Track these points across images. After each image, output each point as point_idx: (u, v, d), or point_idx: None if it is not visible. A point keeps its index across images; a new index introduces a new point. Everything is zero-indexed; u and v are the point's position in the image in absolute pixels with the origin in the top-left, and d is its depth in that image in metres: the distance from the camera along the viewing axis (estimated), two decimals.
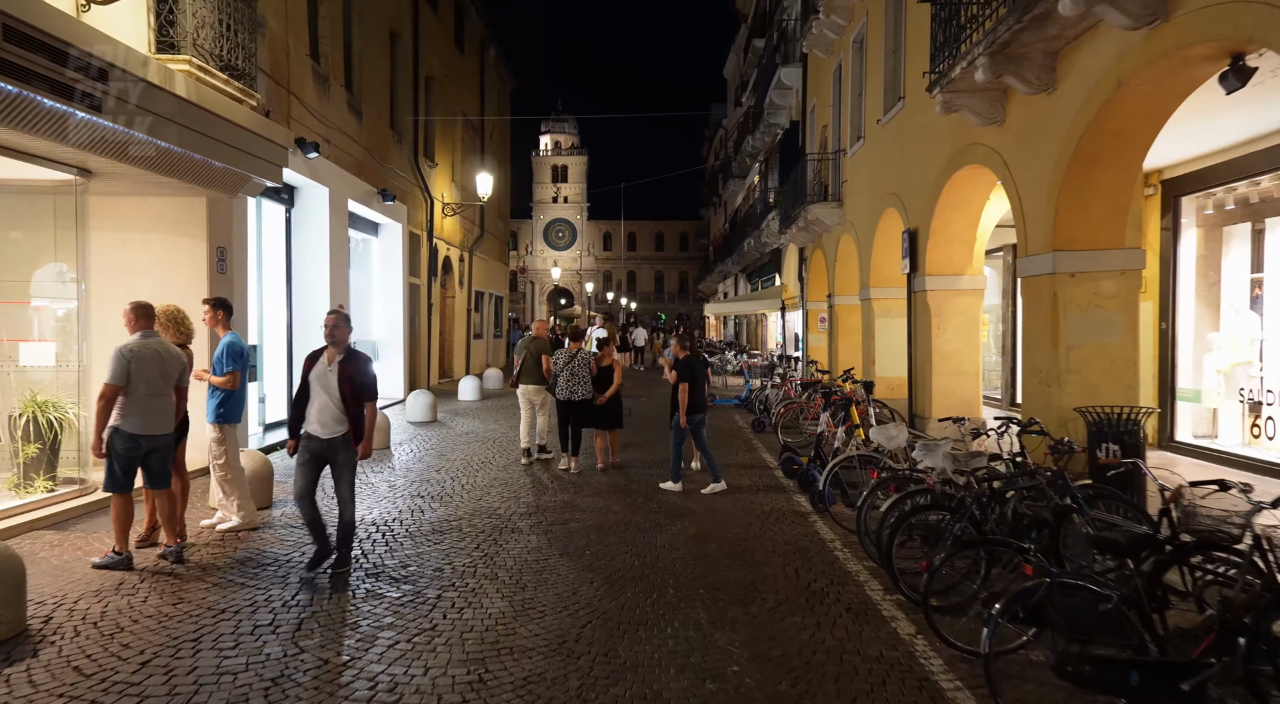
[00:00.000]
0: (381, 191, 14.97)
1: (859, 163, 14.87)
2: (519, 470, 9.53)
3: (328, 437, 5.49)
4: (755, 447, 11.76)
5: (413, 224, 17.90)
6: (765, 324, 31.80)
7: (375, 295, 16.71)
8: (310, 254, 12.31)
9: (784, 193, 20.52)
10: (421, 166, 18.35)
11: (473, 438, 11.96)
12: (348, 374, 5.51)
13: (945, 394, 10.81)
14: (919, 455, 5.88)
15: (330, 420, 5.48)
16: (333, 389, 5.47)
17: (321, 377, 5.54)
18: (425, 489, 8.36)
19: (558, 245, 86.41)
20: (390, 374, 16.78)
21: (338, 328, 5.63)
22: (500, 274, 28.87)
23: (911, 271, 11.31)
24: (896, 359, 13.76)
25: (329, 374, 5.52)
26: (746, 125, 29.72)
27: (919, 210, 11.12)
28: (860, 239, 14.67)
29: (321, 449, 5.52)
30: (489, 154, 25.89)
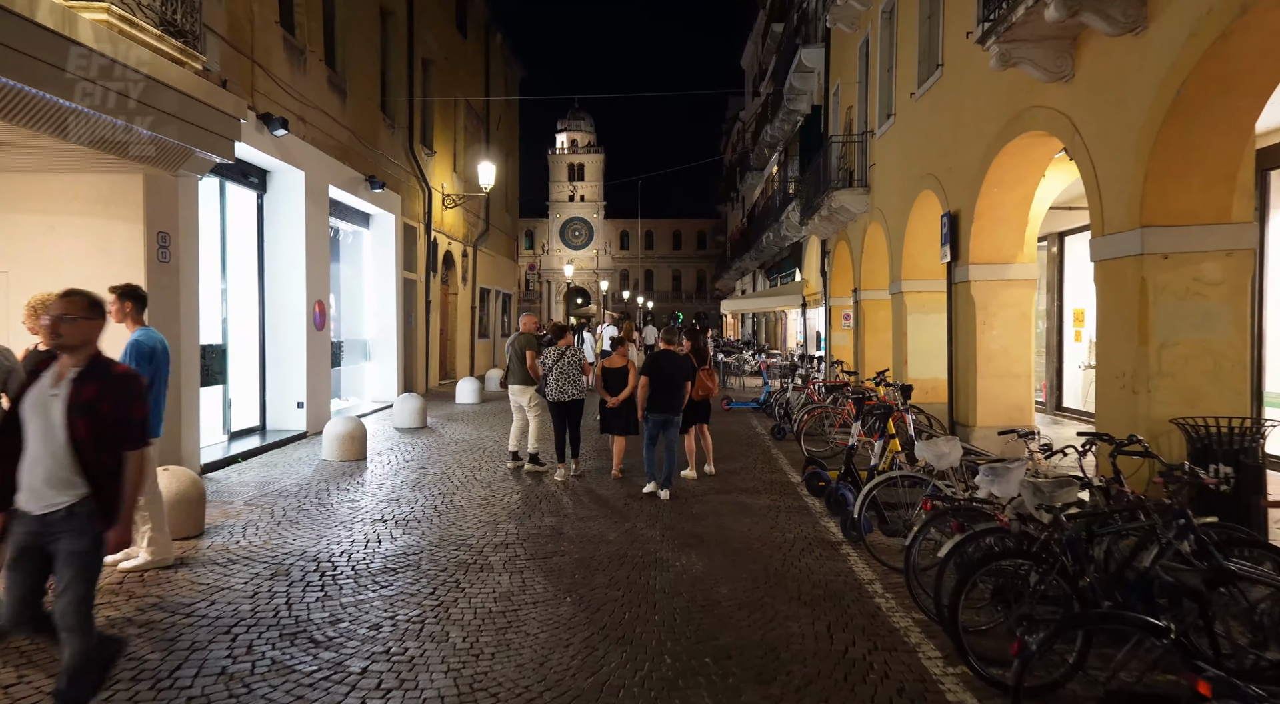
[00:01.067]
0: (369, 179, 13.86)
1: (889, 143, 13.57)
2: (505, 485, 8.34)
3: (42, 511, 3.11)
4: (775, 458, 10.51)
5: (408, 215, 16.79)
6: (785, 322, 30.45)
7: (367, 291, 15.61)
8: (285, 244, 11.20)
9: (805, 181, 19.22)
10: (418, 154, 17.24)
11: (461, 447, 10.80)
12: (87, 401, 3.15)
13: (991, 399, 9.50)
14: (985, 481, 4.62)
15: (49, 483, 3.12)
16: (56, 427, 3.12)
17: (40, 405, 3.17)
18: (391, 511, 7.19)
19: (574, 244, 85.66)
20: (383, 376, 15.68)
21: (66, 321, 3.18)
22: (508, 271, 27.75)
23: (952, 260, 10.01)
24: (932, 359, 12.46)
25: (51, 401, 3.15)
26: (765, 114, 28.41)
27: (961, 191, 9.83)
28: (890, 227, 13.37)
29: (35, 536, 3.13)
30: (495, 145, 24.76)
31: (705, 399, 9.27)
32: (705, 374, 9.28)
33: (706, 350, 9.51)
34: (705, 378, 9.27)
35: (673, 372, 7.88)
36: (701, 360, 9.32)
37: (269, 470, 8.96)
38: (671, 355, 8.00)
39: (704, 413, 9.29)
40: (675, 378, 7.87)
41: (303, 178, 11.19)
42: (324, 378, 12.03)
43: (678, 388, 7.89)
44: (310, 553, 5.87)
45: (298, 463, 9.42)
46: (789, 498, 8.09)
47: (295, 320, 11.23)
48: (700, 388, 8.92)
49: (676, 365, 7.94)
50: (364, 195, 13.89)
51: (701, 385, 8.99)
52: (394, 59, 15.87)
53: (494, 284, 25.40)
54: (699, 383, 8.89)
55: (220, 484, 8.14)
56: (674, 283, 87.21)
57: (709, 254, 79.19)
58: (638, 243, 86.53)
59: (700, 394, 9.17)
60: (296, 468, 9.12)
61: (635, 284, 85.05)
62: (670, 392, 7.86)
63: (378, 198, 14.54)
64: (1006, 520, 4.21)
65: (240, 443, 10.16)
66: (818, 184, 17.64)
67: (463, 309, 21.73)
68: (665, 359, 7.94)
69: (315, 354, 11.62)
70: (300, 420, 11.25)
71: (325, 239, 12.10)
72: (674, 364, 7.93)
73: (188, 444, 8.22)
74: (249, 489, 7.95)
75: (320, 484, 8.24)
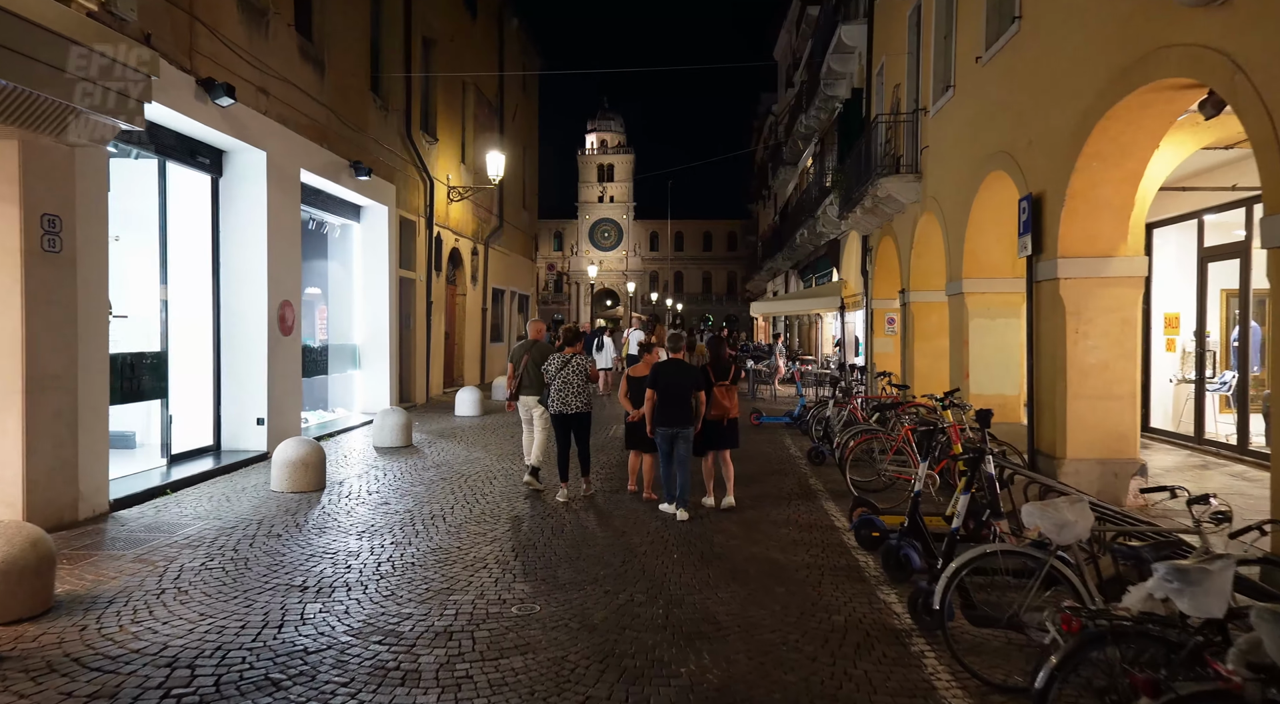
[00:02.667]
0: (354, 164, 12.34)
1: (947, 121, 11.72)
2: (479, 528, 6.68)
3: None
4: (813, 489, 8.75)
5: (405, 208, 15.27)
6: (820, 326, 28.54)
7: (357, 291, 14.11)
8: (245, 236, 9.68)
9: (845, 171, 17.37)
10: (417, 142, 15.72)
11: (443, 473, 9.18)
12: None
13: (1086, 425, 7.65)
14: (1172, 586, 2.84)
15: None
16: None
17: None
18: (319, 573, 5.56)
19: (603, 246, 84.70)
20: (373, 384, 14.16)
21: None
22: (525, 270, 26.21)
23: (1034, 253, 8.17)
24: (998, 372, 10.60)
25: None
26: (799, 104, 26.55)
27: (1047, 168, 7.99)
28: (947, 217, 11.52)
29: None
30: (510, 136, 23.23)
31: (722, 420, 7.67)
32: (722, 392, 7.68)
33: (728, 363, 7.87)
34: (722, 396, 7.69)
35: (680, 382, 7.24)
36: (721, 374, 7.71)
37: (199, 505, 7.40)
38: (678, 364, 7.38)
39: (727, 437, 7.75)
40: (683, 388, 7.22)
41: (264, 159, 9.66)
42: (292, 390, 10.50)
43: (686, 399, 7.23)
44: (172, 652, 4.24)
45: (239, 495, 7.86)
46: (833, 552, 6.34)
47: (256, 324, 9.71)
48: (715, 407, 7.61)
49: (684, 375, 7.29)
50: (348, 183, 12.36)
51: (717, 404, 7.62)
52: (388, 34, 14.35)
53: (509, 284, 23.87)
54: (714, 402, 7.60)
55: (123, 528, 6.59)
56: (704, 285, 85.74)
57: (739, 255, 77.56)
58: (667, 244, 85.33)
59: (715, 413, 7.61)
60: (234, 502, 7.56)
61: (665, 286, 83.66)
62: (678, 404, 7.22)
63: (366, 187, 13.02)
64: (1238, 682, 2.43)
65: (183, 468, 8.64)
66: (859, 173, 15.79)
67: (472, 311, 20.20)
68: (671, 369, 7.32)
69: (280, 362, 10.09)
70: (261, 439, 9.73)
71: (294, 231, 10.57)
72: (681, 374, 7.29)
73: (89, 476, 6.69)
74: (156, 535, 6.38)
75: (250, 528, 6.65)
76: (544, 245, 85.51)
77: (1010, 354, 10.66)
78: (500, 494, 8.12)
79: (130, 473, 8.16)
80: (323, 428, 12.34)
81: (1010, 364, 10.65)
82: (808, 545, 6.54)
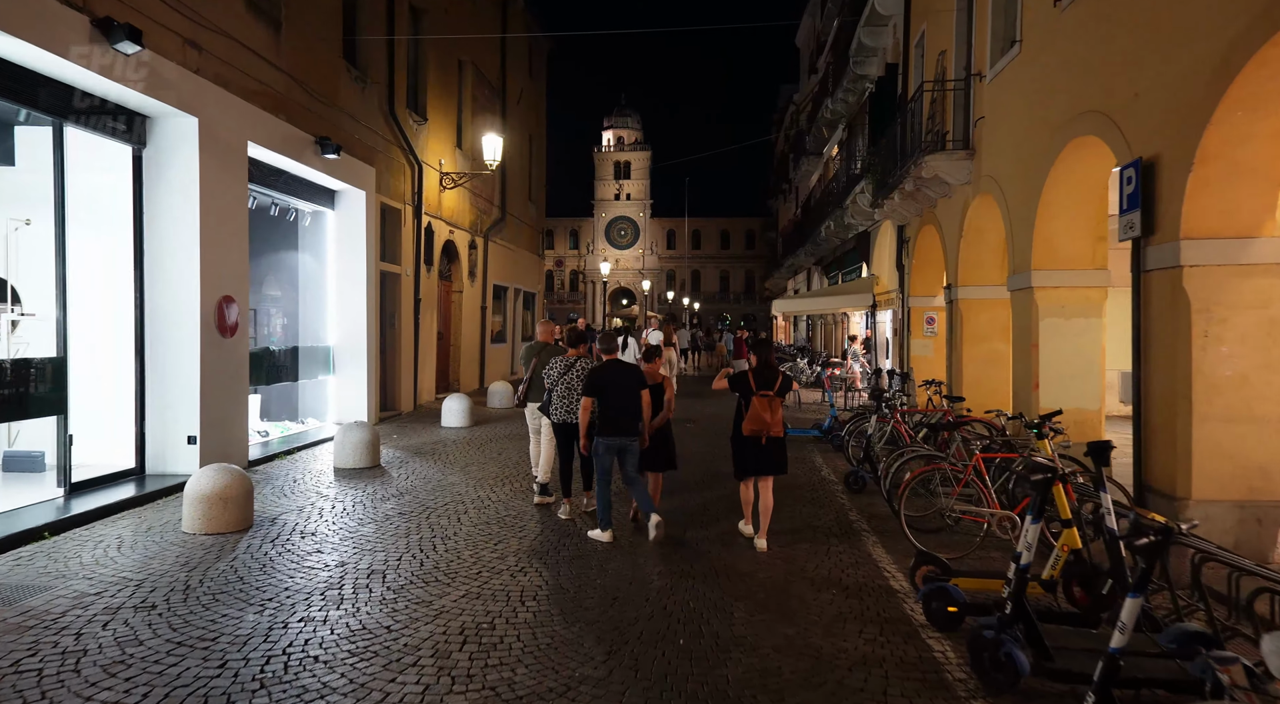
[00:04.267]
0: (321, 141, 10.76)
1: (1009, 84, 9.95)
2: (423, 597, 5.04)
3: None
4: (854, 526, 7.06)
5: (388, 194, 13.70)
6: (846, 325, 26.72)
7: (331, 286, 12.55)
8: (174, 219, 8.13)
9: (879, 154, 15.60)
10: (402, 121, 14.14)
11: (404, 506, 7.56)
12: None
13: (1218, 456, 5.89)
14: None
15: None
16: None
17: None
18: (172, 677, 3.95)
19: (620, 244, 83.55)
20: (351, 392, 12.59)
21: None
22: (531, 267, 24.60)
23: (1142, 235, 6.42)
24: (1074, 383, 8.86)
25: None
26: (825, 87, 24.76)
27: (1164, 125, 6.23)
28: (1010, 199, 9.76)
29: None
30: (514, 121, 21.64)
31: (760, 436, 6.22)
32: (764, 403, 6.20)
33: (774, 369, 6.40)
34: (763, 409, 6.19)
35: (623, 385, 6.43)
36: (765, 382, 6.24)
37: (78, 555, 5.82)
38: (618, 365, 6.55)
39: (772, 460, 6.31)
40: (628, 392, 6.42)
41: (196, 127, 8.09)
42: (235, 401, 8.93)
43: (631, 405, 6.43)
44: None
45: (137, 540, 6.27)
46: (895, 633, 4.64)
47: (186, 323, 8.15)
48: (753, 421, 6.21)
49: (627, 377, 6.48)
50: (315, 163, 10.78)
51: (756, 417, 6.21)
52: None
53: (512, 281, 22.27)
54: (752, 415, 6.20)
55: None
56: (721, 284, 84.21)
57: (758, 254, 75.99)
58: (684, 242, 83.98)
59: (753, 428, 6.22)
60: (125, 552, 5.97)
61: (681, 285, 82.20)
62: (622, 410, 6.39)
63: (338, 168, 11.45)
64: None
65: (86, 499, 7.08)
66: (896, 155, 14.04)
67: (469, 309, 18.61)
68: (611, 371, 6.49)
69: (219, 369, 8.53)
70: (193, 460, 8.16)
71: (238, 214, 8.99)
72: (623, 376, 6.48)
73: None
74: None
75: (121, 595, 5.05)
76: (560, 244, 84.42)
77: (1089, 361, 8.92)
78: (466, 537, 6.49)
79: (17, 506, 6.61)
80: (286, 442, 10.78)
81: (1089, 373, 8.91)
82: (859, 620, 4.85)
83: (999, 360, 11.96)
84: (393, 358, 14.23)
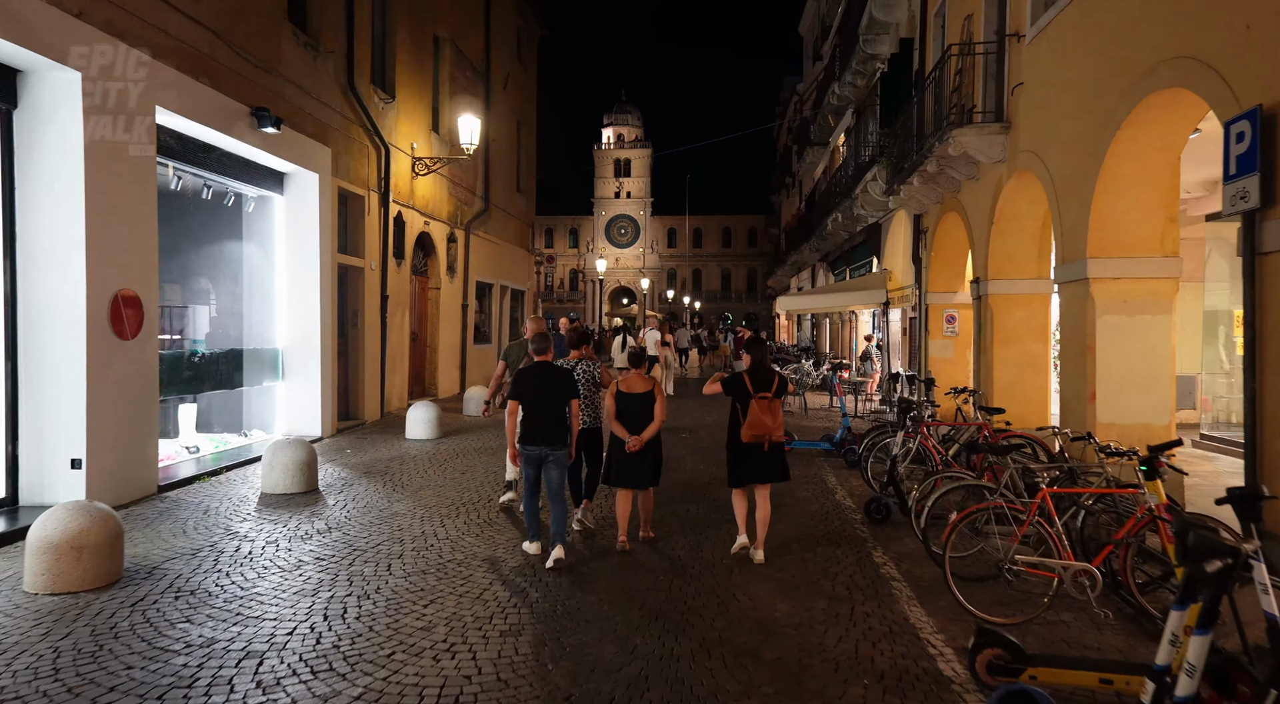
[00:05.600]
0: (257, 112, 9.33)
1: (1057, 41, 8.50)
2: (336, 671, 3.65)
3: None
4: (882, 574, 5.64)
5: (348, 178, 12.28)
6: (855, 325, 25.25)
7: (279, 280, 11.12)
8: (51, 194, 6.70)
9: (894, 136, 14.16)
10: (365, 97, 12.71)
11: (329, 547, 6.12)
12: None
13: None
14: None
15: None
16: None
17: None
18: None
19: (620, 243, 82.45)
20: (302, 399, 11.17)
21: None
22: (519, 262, 23.14)
23: (1261, 206, 4.98)
24: (1140, 393, 7.44)
25: None
26: (831, 71, 23.29)
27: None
28: (1057, 176, 8.33)
29: None
30: (500, 107, 20.21)
31: (763, 442, 5.78)
32: (763, 407, 5.75)
33: (770, 370, 5.95)
34: (763, 412, 5.74)
35: (550, 390, 5.83)
36: (762, 384, 5.80)
37: None
38: (547, 368, 5.97)
39: (773, 467, 5.89)
40: (555, 398, 5.83)
41: (78, 84, 6.67)
42: (141, 416, 7.50)
43: (558, 412, 5.84)
44: None
45: None
46: None
47: (69, 324, 6.72)
48: (755, 426, 5.74)
49: (555, 382, 5.88)
50: (250, 138, 9.35)
51: (757, 422, 5.74)
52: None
53: (498, 278, 20.84)
54: (753, 420, 5.73)
55: None
56: (723, 282, 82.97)
57: (761, 252, 74.72)
58: (686, 240, 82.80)
59: (754, 434, 5.75)
60: None
61: (683, 284, 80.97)
62: (548, 417, 5.81)
63: (281, 145, 10.02)
64: None
65: None
66: (914, 135, 12.61)
67: (448, 307, 17.18)
68: (538, 374, 5.93)
69: (115, 379, 7.10)
70: (78, 487, 6.73)
71: (140, 193, 7.53)
72: (551, 380, 5.88)
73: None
74: None
75: None
76: (559, 242, 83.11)
77: (1156, 366, 7.49)
78: (390, 596, 5.06)
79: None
80: (219, 459, 9.37)
81: (1156, 381, 7.49)
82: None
83: (1035, 364, 10.54)
84: (355, 361, 12.81)
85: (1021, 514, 5.06)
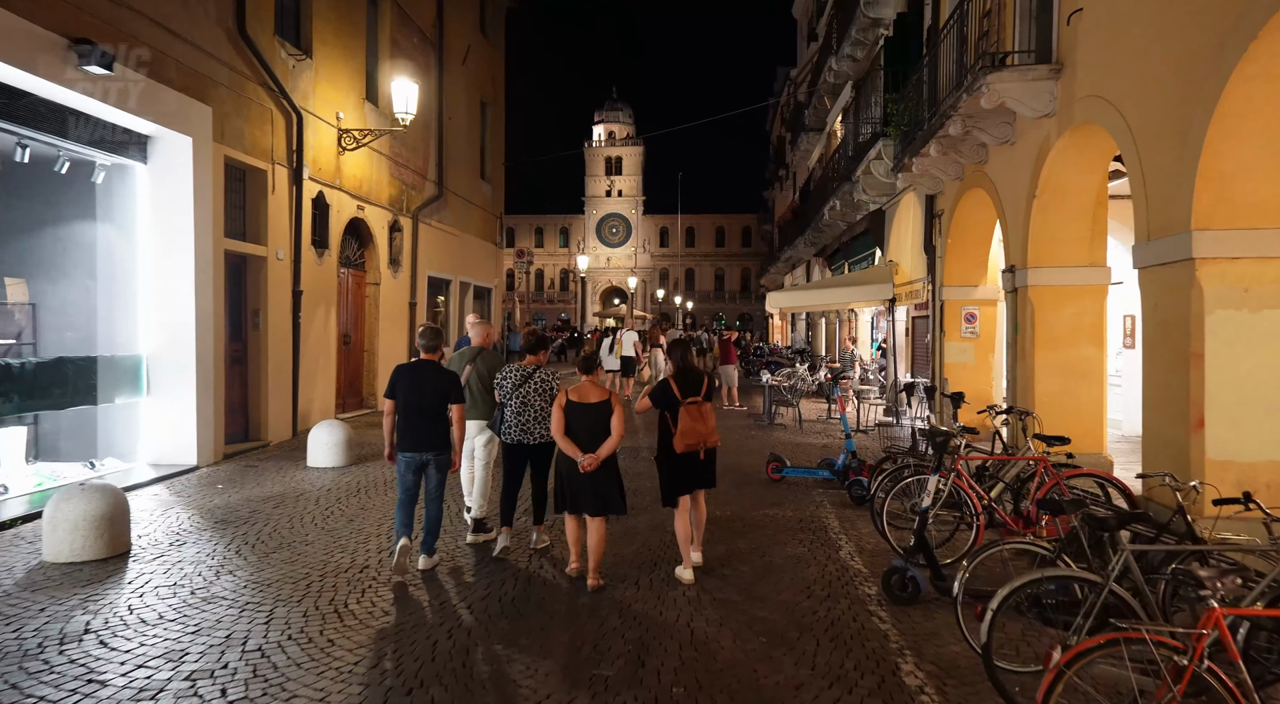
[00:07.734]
0: (79, 44, 7.12)
1: None
2: None
3: None
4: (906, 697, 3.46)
5: (240, 146, 10.05)
6: (854, 325, 23.09)
7: (143, 271, 8.91)
8: None
9: (906, 98, 12.00)
10: (265, 50, 10.47)
11: (57, 680, 3.93)
12: None
13: None
14: None
15: None
16: None
17: None
18: None
19: (611, 242, 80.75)
20: (174, 419, 8.95)
21: None
22: (484, 257, 20.90)
23: None
24: (1273, 419, 5.27)
25: None
26: (829, 44, 21.13)
27: None
28: (1139, 126, 6.16)
29: None
30: (456, 82, 18.00)
31: (699, 449, 5.38)
32: (695, 412, 5.32)
33: (698, 372, 5.48)
34: (696, 419, 5.31)
35: (424, 390, 5.37)
36: (689, 389, 5.35)
37: None
38: (429, 367, 5.46)
39: (708, 473, 5.57)
40: (434, 398, 5.36)
41: None
42: None
43: (437, 413, 5.39)
44: None
45: None
46: None
47: None
48: (689, 435, 5.28)
49: (432, 381, 5.40)
50: (73, 82, 7.13)
51: (692, 431, 5.28)
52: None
53: (457, 273, 18.62)
54: (687, 428, 5.26)
55: None
56: (716, 282, 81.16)
57: (755, 252, 72.88)
58: (678, 240, 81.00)
59: (691, 442, 5.30)
60: None
61: (675, 284, 79.04)
62: (426, 419, 5.36)
63: (133, 98, 7.81)
64: None
65: None
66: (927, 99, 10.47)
67: (392, 306, 14.97)
68: (416, 372, 5.45)
69: None
70: None
71: None
72: (426, 379, 5.40)
73: None
74: None
75: None
76: (549, 241, 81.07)
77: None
78: None
79: None
80: (36, 503, 7.15)
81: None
82: None
83: (1090, 375, 8.38)
84: (257, 370, 10.60)
85: (1181, 655, 2.87)
